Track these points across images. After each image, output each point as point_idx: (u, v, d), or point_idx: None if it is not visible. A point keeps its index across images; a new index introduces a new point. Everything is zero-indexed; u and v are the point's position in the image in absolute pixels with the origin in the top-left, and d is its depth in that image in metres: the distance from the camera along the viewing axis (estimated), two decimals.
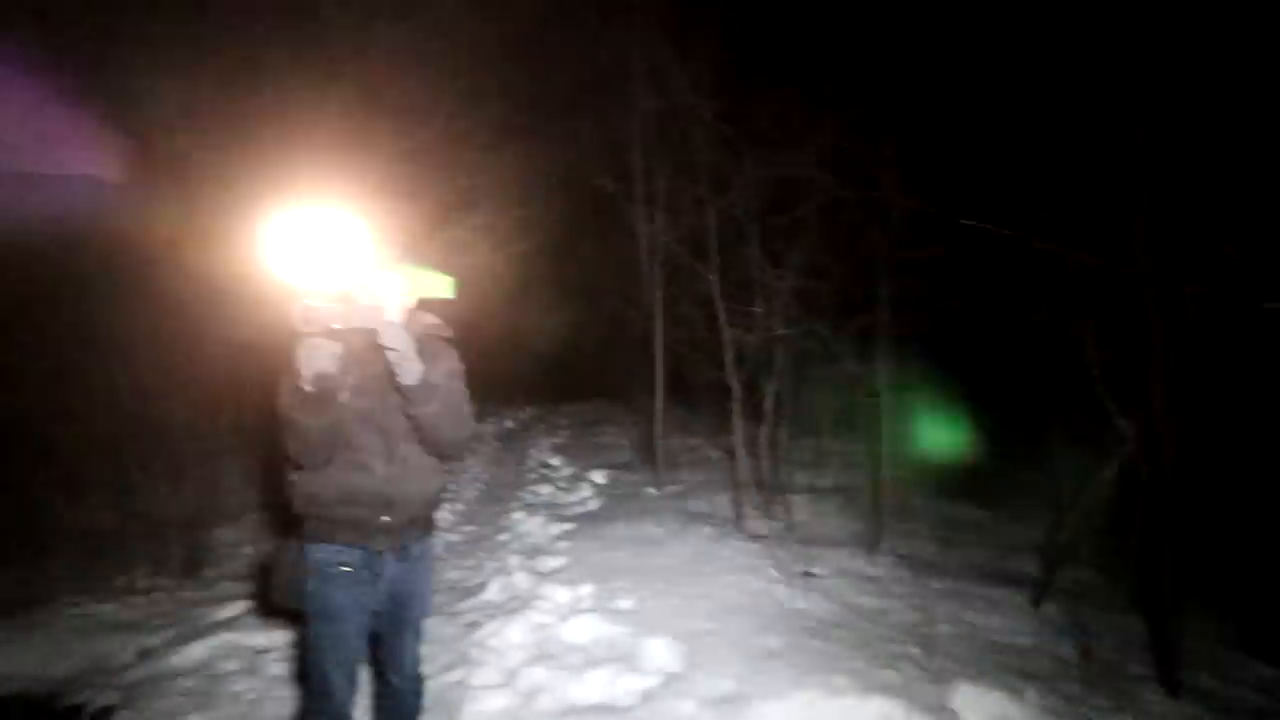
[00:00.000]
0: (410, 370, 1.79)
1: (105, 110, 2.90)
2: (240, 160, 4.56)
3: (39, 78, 2.79)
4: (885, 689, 2.86)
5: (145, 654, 3.30)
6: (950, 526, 5.59)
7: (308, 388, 1.69)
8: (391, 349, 1.75)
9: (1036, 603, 4.16)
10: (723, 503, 5.77)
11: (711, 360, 5.61)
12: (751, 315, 4.98)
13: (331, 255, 1.79)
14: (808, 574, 4.10)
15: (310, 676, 1.94)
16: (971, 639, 3.63)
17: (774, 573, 4.19)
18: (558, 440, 9.63)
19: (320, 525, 1.92)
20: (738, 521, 5.28)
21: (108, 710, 2.85)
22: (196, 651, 3.24)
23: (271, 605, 2.03)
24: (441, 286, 2.01)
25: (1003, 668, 3.31)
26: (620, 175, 6.69)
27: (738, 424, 5.30)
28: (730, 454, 5.79)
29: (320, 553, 1.91)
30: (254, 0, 4.69)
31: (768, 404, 5.10)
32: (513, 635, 3.42)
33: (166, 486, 4.49)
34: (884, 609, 3.81)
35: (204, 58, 4.60)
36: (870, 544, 4.75)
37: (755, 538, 4.92)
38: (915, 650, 3.32)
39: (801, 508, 5.46)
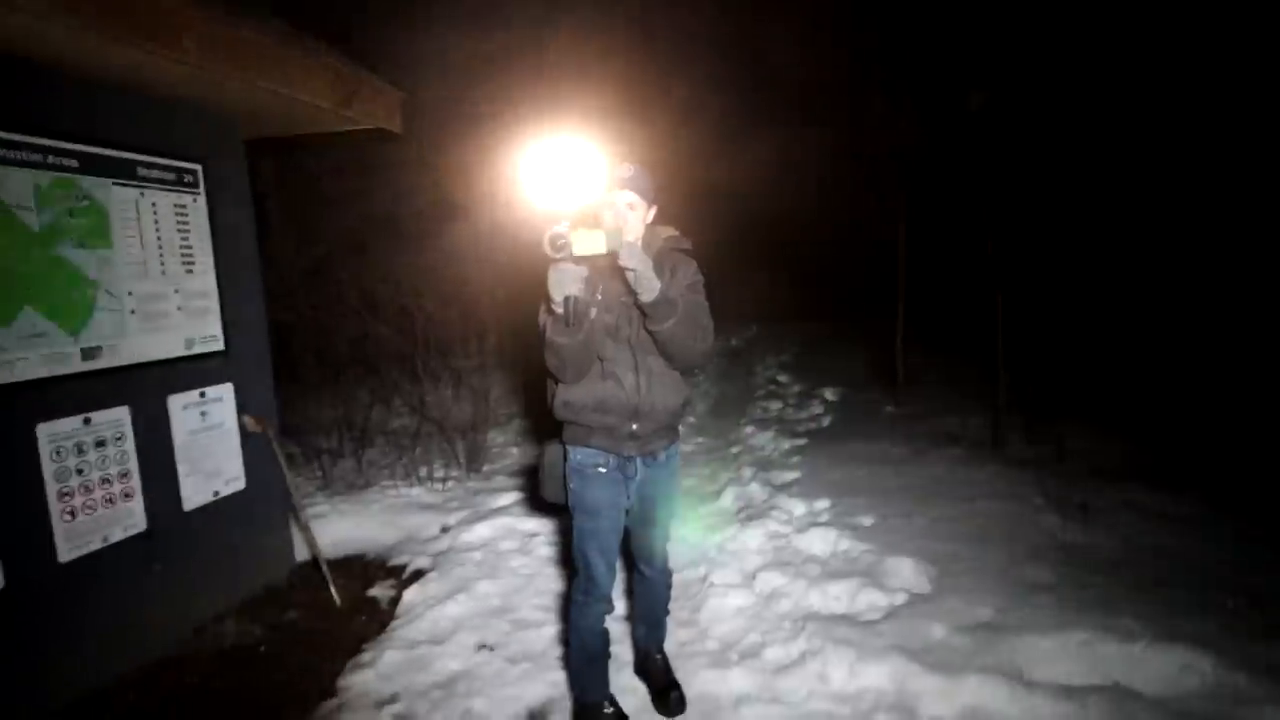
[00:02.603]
0: (648, 287, 1.82)
1: (381, 74, 3.36)
2: (492, 98, 4.96)
3: (339, 46, 3.26)
4: (1190, 638, 2.43)
5: (445, 530, 3.97)
6: None
7: (558, 309, 1.81)
8: (630, 269, 1.79)
9: None
10: (976, 425, 5.26)
11: (959, 268, 5.01)
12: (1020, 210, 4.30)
13: (572, 180, 1.86)
14: (1084, 505, 3.59)
15: (577, 562, 2.18)
16: None
17: (1040, 501, 3.76)
18: (785, 358, 9.48)
19: (578, 430, 2.09)
20: (994, 445, 4.79)
21: (421, 572, 3.48)
22: (482, 531, 3.82)
23: (541, 498, 2.28)
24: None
25: None
26: (857, 67, 6.07)
27: (999, 336, 4.72)
28: (984, 372, 5.21)
29: (579, 455, 2.10)
30: None
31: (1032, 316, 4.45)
32: (750, 541, 3.51)
33: (451, 396, 5.29)
34: (1189, 551, 3.21)
35: (447, 11, 5.04)
36: (1173, 479, 4.01)
37: (1017, 463, 4.43)
38: (1234, 602, 2.77)
39: (1077, 433, 4.77)
